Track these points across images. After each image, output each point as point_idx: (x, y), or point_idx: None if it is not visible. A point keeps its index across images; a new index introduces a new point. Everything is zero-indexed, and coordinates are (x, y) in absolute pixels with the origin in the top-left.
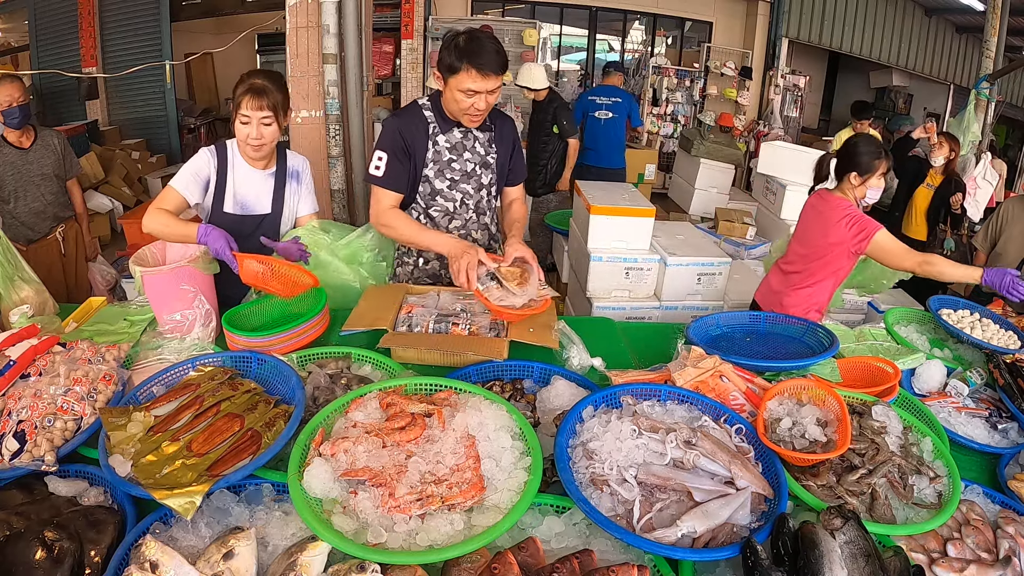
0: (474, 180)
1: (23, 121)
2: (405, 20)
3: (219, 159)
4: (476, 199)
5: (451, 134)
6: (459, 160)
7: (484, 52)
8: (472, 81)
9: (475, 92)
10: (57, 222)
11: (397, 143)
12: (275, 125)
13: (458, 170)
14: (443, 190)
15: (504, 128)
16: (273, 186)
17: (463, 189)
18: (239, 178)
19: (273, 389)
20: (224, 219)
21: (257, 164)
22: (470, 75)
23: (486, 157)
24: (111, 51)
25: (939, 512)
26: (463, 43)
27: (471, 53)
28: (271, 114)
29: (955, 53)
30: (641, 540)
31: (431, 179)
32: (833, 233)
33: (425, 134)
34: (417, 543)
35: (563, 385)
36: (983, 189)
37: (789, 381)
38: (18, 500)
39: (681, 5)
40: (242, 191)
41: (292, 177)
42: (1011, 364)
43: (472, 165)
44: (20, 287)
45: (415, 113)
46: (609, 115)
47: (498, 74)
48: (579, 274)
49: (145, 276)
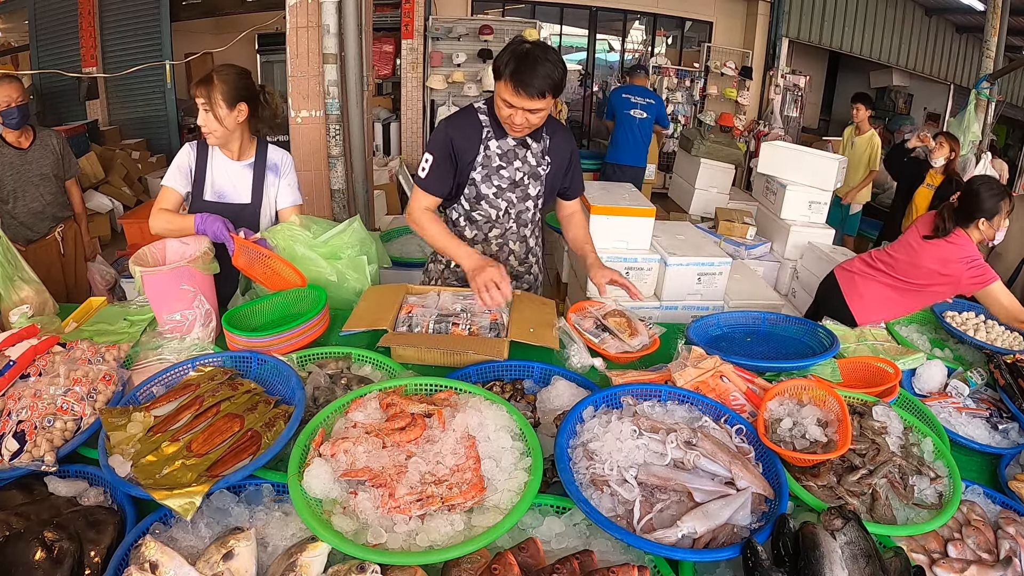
0: (520, 190)
1: (22, 121)
2: (405, 20)
3: (199, 151)
4: (519, 209)
5: (504, 141)
6: (508, 168)
7: (527, 70)
8: (508, 94)
9: (512, 106)
10: (56, 222)
11: (446, 148)
12: (212, 113)
13: (506, 178)
14: (488, 196)
15: (560, 140)
16: (252, 177)
17: (508, 198)
18: (217, 168)
19: (273, 389)
20: (204, 206)
21: (231, 155)
22: (507, 87)
23: (537, 168)
24: (111, 51)
25: (940, 513)
26: (517, 53)
27: (516, 67)
28: (205, 100)
29: (955, 53)
30: (641, 541)
31: (477, 183)
32: (950, 268)
33: (478, 138)
34: (417, 544)
35: (563, 385)
36: None
37: (789, 381)
38: (18, 500)
39: (681, 5)
40: (220, 181)
41: (271, 170)
42: (1011, 364)
43: (521, 175)
44: (20, 287)
45: (470, 117)
46: (644, 115)
47: (539, 97)
48: (579, 274)
49: (145, 276)
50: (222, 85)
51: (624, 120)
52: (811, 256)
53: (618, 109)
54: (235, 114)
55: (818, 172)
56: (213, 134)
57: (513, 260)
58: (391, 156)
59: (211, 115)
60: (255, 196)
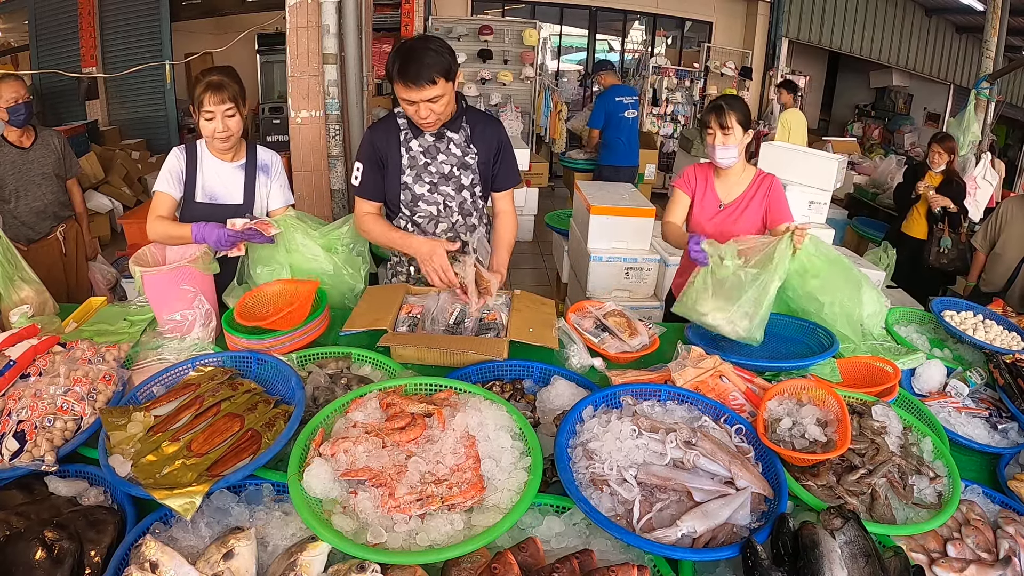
0: (453, 182)
1: (27, 119)
2: (405, 20)
3: (188, 154)
4: (459, 200)
5: (423, 138)
6: (434, 163)
7: (411, 62)
8: (405, 92)
9: (411, 101)
10: (57, 222)
11: (371, 153)
12: (238, 115)
13: (435, 172)
14: (424, 194)
15: (485, 129)
16: (243, 178)
17: (443, 192)
18: (207, 171)
19: (273, 389)
20: (196, 209)
21: (224, 156)
22: (400, 85)
23: (464, 158)
24: (111, 51)
25: (939, 512)
26: (401, 51)
27: (401, 63)
28: (232, 105)
29: (955, 53)
30: (641, 540)
31: (410, 185)
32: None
33: (397, 141)
34: (417, 543)
35: (563, 385)
36: (983, 189)
37: (789, 381)
38: (18, 500)
39: (681, 5)
40: (211, 183)
41: (262, 170)
42: (1011, 364)
43: (448, 167)
44: (20, 287)
45: (389, 122)
46: (634, 114)
47: (430, 84)
48: (579, 274)
49: (145, 276)
50: (235, 86)
51: (620, 123)
52: None
53: (614, 113)
54: (244, 110)
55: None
56: (234, 136)
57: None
58: None
59: (237, 116)
60: (247, 197)
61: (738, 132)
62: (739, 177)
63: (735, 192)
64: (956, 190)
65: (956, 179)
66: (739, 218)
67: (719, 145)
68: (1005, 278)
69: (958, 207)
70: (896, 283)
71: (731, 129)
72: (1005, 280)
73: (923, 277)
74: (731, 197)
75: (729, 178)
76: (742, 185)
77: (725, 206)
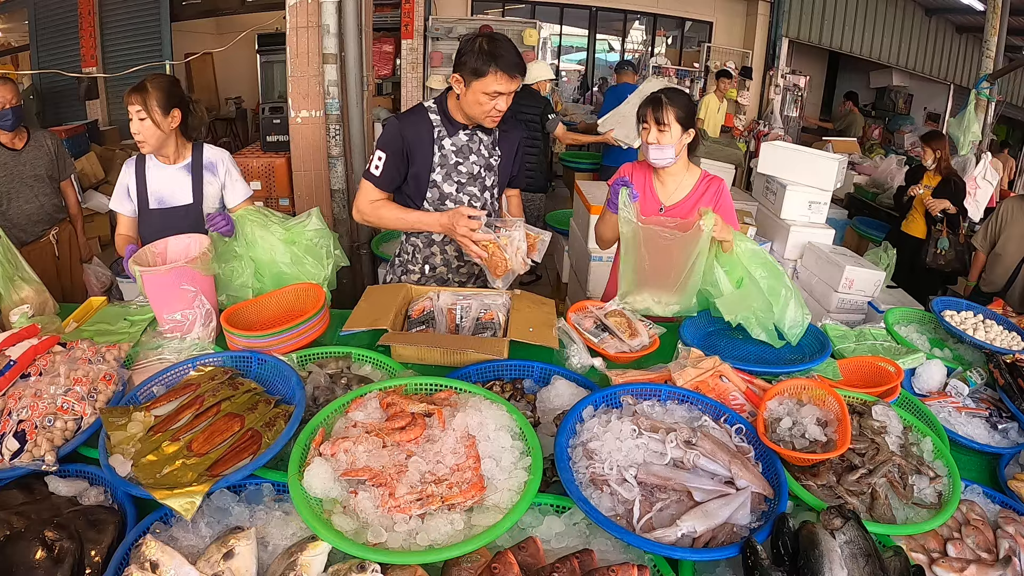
0: (479, 182)
1: (15, 123)
2: (405, 20)
3: (136, 165)
4: (481, 201)
5: (457, 137)
6: (465, 163)
7: (510, 55)
8: (498, 83)
9: (500, 94)
10: (51, 224)
11: (399, 145)
12: (148, 120)
13: (464, 172)
14: (451, 193)
15: (510, 132)
16: (190, 178)
17: (469, 191)
18: (153, 177)
19: (273, 389)
20: (152, 217)
21: (166, 160)
22: (497, 77)
23: (489, 159)
24: (111, 51)
25: (939, 512)
26: (487, 46)
27: (497, 56)
28: (141, 108)
29: (955, 53)
30: (641, 540)
31: (439, 184)
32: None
33: (431, 138)
34: (417, 543)
35: (563, 385)
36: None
37: (789, 381)
38: (18, 500)
39: (681, 5)
40: (158, 187)
41: (208, 168)
42: (1011, 364)
43: (477, 168)
44: (20, 287)
45: (420, 116)
46: None
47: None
48: (579, 274)
49: (145, 276)
50: (157, 92)
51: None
52: (811, 256)
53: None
54: (169, 120)
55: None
56: (148, 141)
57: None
58: None
59: (147, 122)
60: (196, 195)
61: (676, 130)
62: (681, 178)
63: (677, 195)
64: (955, 190)
65: (955, 179)
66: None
67: (653, 143)
68: (1005, 278)
69: (957, 208)
70: (896, 283)
71: (667, 126)
72: (1005, 280)
73: (923, 277)
74: (672, 200)
75: (670, 179)
76: (685, 188)
77: (666, 208)
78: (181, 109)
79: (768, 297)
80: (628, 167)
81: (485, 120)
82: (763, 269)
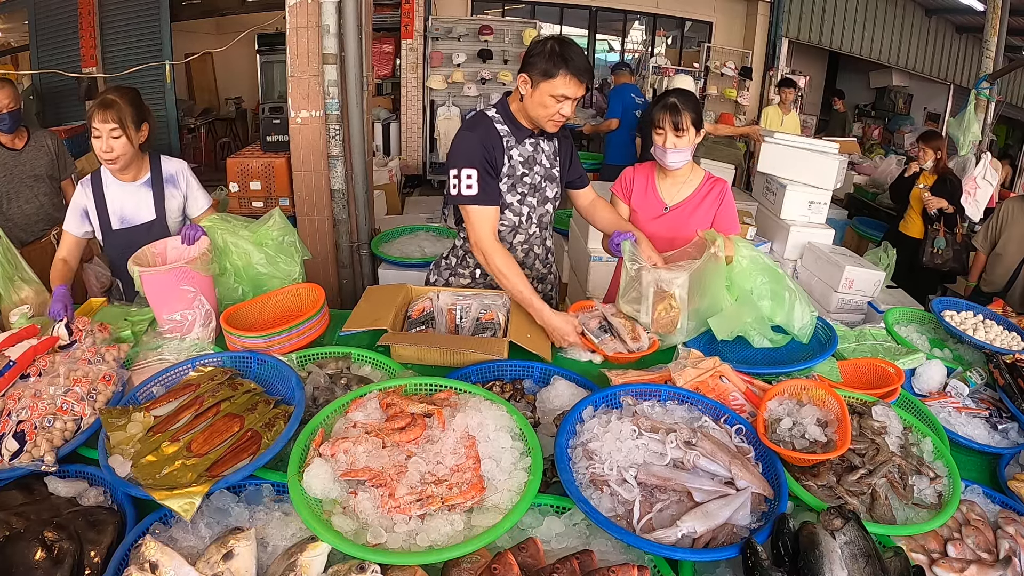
0: (539, 194)
1: (14, 126)
2: (405, 20)
3: (93, 185)
4: (540, 212)
5: (523, 147)
6: (530, 174)
7: (580, 60)
8: (566, 87)
9: (566, 98)
10: (51, 224)
11: (485, 158)
12: (123, 137)
13: (528, 184)
14: (512, 204)
15: (563, 140)
16: (152, 194)
17: (530, 203)
18: (113, 196)
19: (273, 389)
20: (116, 237)
21: (125, 177)
22: (566, 80)
23: (551, 170)
24: (111, 51)
25: (939, 512)
26: (559, 48)
27: (568, 59)
28: (117, 126)
29: (955, 53)
30: (641, 540)
31: (503, 193)
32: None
33: (502, 149)
34: (417, 543)
35: (563, 385)
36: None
37: (789, 381)
38: (18, 500)
39: (681, 5)
40: (119, 206)
41: (169, 182)
42: (1011, 364)
43: (539, 178)
44: (20, 287)
45: (489, 127)
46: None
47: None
48: (579, 274)
49: (145, 276)
50: (129, 108)
51: (631, 121)
52: (811, 256)
53: (630, 108)
54: (140, 134)
55: (818, 172)
56: (122, 158)
57: (538, 263)
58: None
59: (123, 139)
60: (158, 210)
61: (692, 133)
62: (686, 179)
63: (681, 194)
64: (951, 189)
65: (951, 178)
66: (687, 220)
67: (671, 148)
68: (1006, 278)
69: (954, 207)
70: (896, 283)
71: (685, 131)
72: (1006, 280)
73: (922, 277)
74: (676, 199)
75: (675, 179)
76: (689, 187)
77: (671, 208)
78: (148, 122)
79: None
80: (630, 171)
81: (547, 124)
82: (764, 275)
